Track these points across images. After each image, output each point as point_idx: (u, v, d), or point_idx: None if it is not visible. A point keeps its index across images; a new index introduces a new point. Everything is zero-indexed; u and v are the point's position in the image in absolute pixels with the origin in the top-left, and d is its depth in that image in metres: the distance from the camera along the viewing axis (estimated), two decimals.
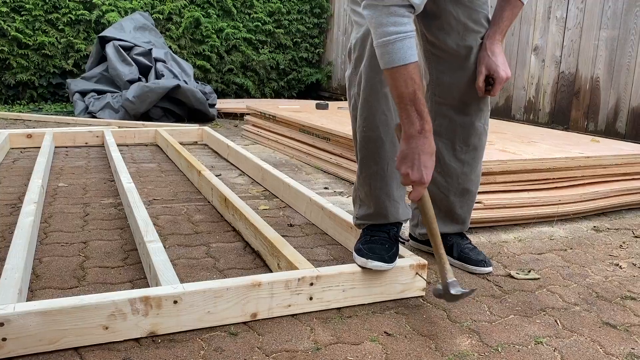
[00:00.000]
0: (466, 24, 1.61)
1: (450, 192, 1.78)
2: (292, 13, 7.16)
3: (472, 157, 1.76)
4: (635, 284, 1.75)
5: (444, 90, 1.72)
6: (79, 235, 2.01)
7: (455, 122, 1.72)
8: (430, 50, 1.71)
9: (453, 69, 1.67)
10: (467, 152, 1.75)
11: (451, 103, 1.71)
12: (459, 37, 1.62)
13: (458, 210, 1.81)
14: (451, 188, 1.78)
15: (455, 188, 1.78)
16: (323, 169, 3.26)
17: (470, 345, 1.33)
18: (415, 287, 1.58)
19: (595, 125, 4.02)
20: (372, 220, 1.64)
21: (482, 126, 1.74)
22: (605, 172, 2.54)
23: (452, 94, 1.70)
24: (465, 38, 1.62)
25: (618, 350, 1.33)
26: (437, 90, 1.73)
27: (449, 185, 1.78)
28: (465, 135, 1.73)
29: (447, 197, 1.79)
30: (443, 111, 1.73)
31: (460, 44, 1.63)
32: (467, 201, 1.81)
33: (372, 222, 1.65)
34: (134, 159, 3.48)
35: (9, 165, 3.16)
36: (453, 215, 1.82)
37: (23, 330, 1.19)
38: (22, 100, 6.04)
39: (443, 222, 1.82)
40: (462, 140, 1.73)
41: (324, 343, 1.31)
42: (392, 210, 1.61)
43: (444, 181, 1.78)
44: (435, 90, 1.74)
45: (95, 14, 6.06)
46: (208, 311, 1.34)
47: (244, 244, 1.96)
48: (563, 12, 4.22)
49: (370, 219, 1.64)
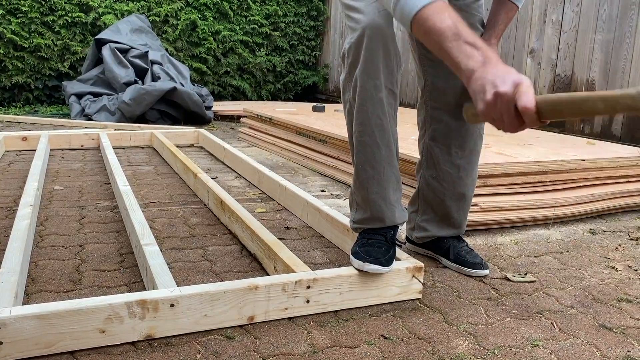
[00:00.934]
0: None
1: (446, 197, 1.79)
2: (289, 16, 7.17)
3: (468, 161, 1.77)
4: (631, 286, 1.75)
5: (439, 95, 1.72)
6: (75, 238, 2.00)
7: (451, 126, 1.72)
8: (425, 55, 1.71)
9: (448, 74, 1.67)
10: (462, 157, 1.75)
11: (446, 108, 1.72)
12: None
13: (454, 214, 1.82)
14: (447, 192, 1.78)
15: (451, 192, 1.78)
16: (320, 172, 3.26)
17: (467, 348, 1.33)
18: (412, 289, 1.58)
19: (591, 128, 4.03)
20: (369, 224, 1.64)
21: (478, 131, 1.75)
22: (601, 175, 2.55)
23: (447, 98, 1.71)
24: None
25: (614, 353, 1.33)
26: (432, 95, 1.74)
27: (445, 190, 1.78)
28: (461, 139, 1.73)
29: (443, 201, 1.80)
30: (438, 116, 1.73)
31: None
32: (463, 205, 1.82)
33: (369, 226, 1.65)
34: (130, 162, 3.47)
35: (4, 168, 3.15)
36: (449, 220, 1.83)
37: (19, 334, 1.18)
38: (18, 103, 6.02)
39: (439, 226, 1.83)
40: (458, 145, 1.74)
41: (320, 346, 1.31)
42: (388, 214, 1.61)
43: (439, 186, 1.78)
44: (431, 95, 1.74)
45: (92, 16, 6.05)
46: (205, 314, 1.34)
47: (240, 247, 1.96)
48: (559, 15, 4.23)
49: (367, 223, 1.65)
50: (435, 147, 1.74)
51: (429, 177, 1.80)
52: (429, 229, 1.85)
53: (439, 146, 1.75)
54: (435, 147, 1.74)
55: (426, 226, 1.86)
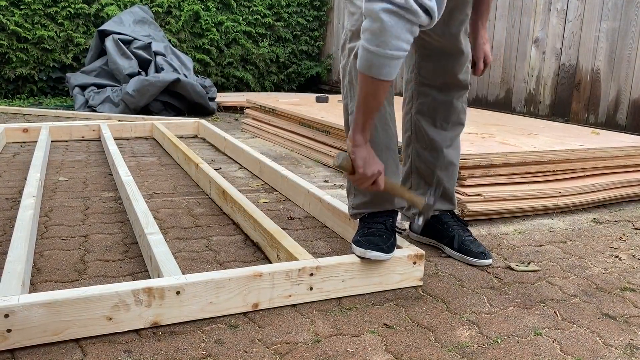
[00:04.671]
0: (451, 12, 1.65)
1: (436, 167, 1.85)
2: (292, 6, 7.14)
3: (453, 132, 1.86)
4: (634, 275, 1.75)
5: (428, 72, 1.80)
6: (80, 228, 2.01)
7: (437, 101, 1.80)
8: (420, 36, 1.76)
9: (437, 54, 1.74)
10: (448, 128, 1.84)
11: (434, 84, 1.80)
12: (444, 24, 1.67)
13: (446, 184, 1.87)
14: (437, 162, 1.84)
15: (441, 162, 1.84)
16: (323, 162, 3.26)
17: (470, 336, 1.33)
18: (413, 277, 1.59)
19: (595, 117, 4.01)
20: (369, 207, 1.68)
21: (461, 105, 1.85)
22: (605, 165, 2.54)
23: (436, 75, 1.79)
24: (450, 25, 1.68)
25: (617, 341, 1.33)
26: (421, 72, 1.82)
27: (435, 159, 1.84)
28: (445, 113, 1.82)
29: (433, 171, 1.85)
30: (426, 91, 1.82)
31: (446, 31, 1.69)
32: (452, 175, 1.88)
33: (368, 210, 1.68)
34: (133, 153, 3.48)
35: (9, 159, 3.17)
36: (442, 192, 1.86)
37: (27, 322, 1.20)
38: (22, 95, 6.04)
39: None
40: (443, 117, 1.83)
41: (324, 335, 1.31)
42: (387, 196, 1.66)
43: (430, 155, 1.85)
44: (420, 71, 1.82)
45: (95, 7, 6.04)
46: (210, 302, 1.35)
47: (244, 237, 1.97)
48: (564, 3, 4.20)
49: (367, 207, 1.68)
50: (422, 119, 1.83)
51: (419, 149, 1.87)
52: None
53: (425, 119, 1.83)
54: (422, 120, 1.83)
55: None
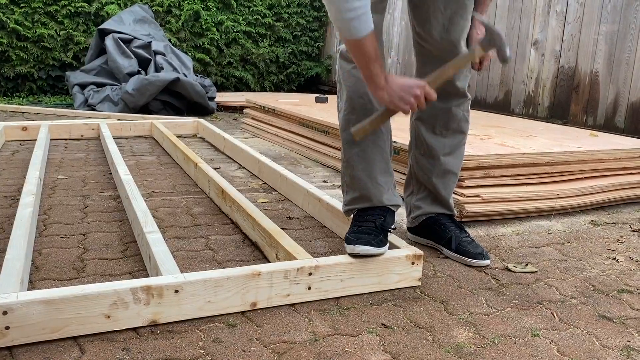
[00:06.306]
0: (452, 18, 1.67)
1: (432, 173, 1.86)
2: (292, 6, 7.14)
3: (453, 140, 1.86)
4: (632, 277, 1.76)
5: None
6: (78, 227, 2.01)
7: (437, 107, 1.81)
8: (417, 41, 1.80)
9: (437, 60, 1.74)
10: (447, 136, 1.85)
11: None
12: (443, 31, 1.69)
13: (441, 191, 1.88)
14: (433, 169, 1.86)
15: (438, 169, 1.86)
16: (322, 163, 3.27)
17: (467, 337, 1.34)
18: (411, 277, 1.59)
19: (594, 119, 4.02)
20: (358, 203, 1.71)
21: (462, 113, 1.85)
22: (603, 167, 2.55)
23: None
24: (449, 31, 1.69)
25: (614, 343, 1.34)
26: (421, 77, 1.80)
27: (431, 166, 1.86)
28: (445, 120, 1.83)
29: (430, 178, 1.87)
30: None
31: (445, 37, 1.71)
32: (449, 183, 1.89)
33: (358, 205, 1.71)
34: (133, 152, 3.48)
35: (8, 158, 3.17)
36: (437, 197, 1.89)
37: (26, 319, 1.20)
38: (21, 93, 6.03)
39: (431, 203, 1.91)
40: (442, 124, 1.84)
41: (322, 334, 1.32)
42: (375, 193, 1.68)
43: (427, 162, 1.87)
44: (419, 78, 1.80)
45: (95, 6, 6.04)
46: (209, 300, 1.35)
47: (242, 236, 1.97)
48: (563, 6, 4.21)
49: (356, 203, 1.71)
50: (422, 125, 1.86)
51: (417, 155, 1.89)
52: (422, 206, 1.92)
53: (425, 125, 1.85)
54: (422, 126, 1.86)
55: (420, 204, 1.92)
